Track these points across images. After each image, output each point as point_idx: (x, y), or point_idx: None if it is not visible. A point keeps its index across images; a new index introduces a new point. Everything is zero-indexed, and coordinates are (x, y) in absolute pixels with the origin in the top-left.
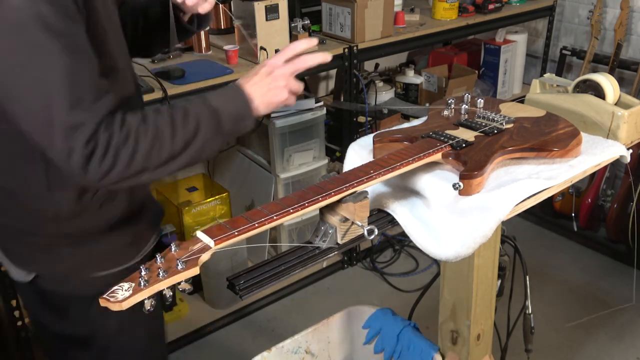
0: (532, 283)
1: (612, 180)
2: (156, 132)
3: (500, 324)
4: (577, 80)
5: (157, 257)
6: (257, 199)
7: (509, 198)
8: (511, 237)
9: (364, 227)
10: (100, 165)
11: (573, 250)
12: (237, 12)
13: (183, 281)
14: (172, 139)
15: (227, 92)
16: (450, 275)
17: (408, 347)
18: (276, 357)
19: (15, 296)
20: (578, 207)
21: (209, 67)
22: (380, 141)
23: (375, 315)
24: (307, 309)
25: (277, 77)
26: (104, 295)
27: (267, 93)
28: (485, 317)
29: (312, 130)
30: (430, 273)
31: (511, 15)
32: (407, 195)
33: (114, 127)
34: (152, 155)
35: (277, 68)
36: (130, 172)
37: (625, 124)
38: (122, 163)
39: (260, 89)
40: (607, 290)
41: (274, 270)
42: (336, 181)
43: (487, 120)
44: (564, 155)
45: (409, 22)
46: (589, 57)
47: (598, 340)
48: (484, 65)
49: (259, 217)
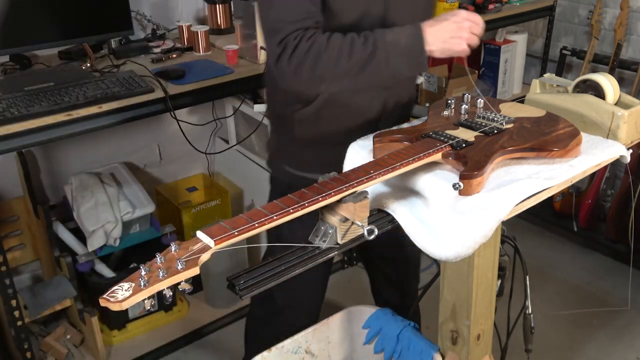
0: (532, 283)
1: (612, 180)
2: (337, 49)
3: (500, 324)
4: (577, 80)
5: (157, 257)
6: (257, 199)
7: (509, 198)
8: (511, 237)
9: (364, 227)
10: (288, 64)
11: (573, 250)
12: (237, 12)
13: (183, 281)
14: (350, 57)
15: (405, 29)
16: (450, 275)
17: (408, 347)
18: (276, 357)
19: (15, 296)
20: (578, 207)
21: (209, 67)
22: (380, 141)
23: (375, 315)
24: None
25: (463, 29)
26: (104, 295)
27: (448, 40)
28: (485, 317)
29: None
30: (430, 273)
31: (511, 15)
32: (407, 195)
33: (303, 38)
34: (329, 66)
35: (466, 21)
36: (310, 77)
37: (625, 124)
38: (305, 67)
39: (443, 34)
40: (607, 290)
41: (274, 270)
42: (336, 181)
43: (487, 120)
44: (564, 155)
45: None
46: (589, 57)
47: (598, 340)
48: (484, 65)
49: (259, 217)
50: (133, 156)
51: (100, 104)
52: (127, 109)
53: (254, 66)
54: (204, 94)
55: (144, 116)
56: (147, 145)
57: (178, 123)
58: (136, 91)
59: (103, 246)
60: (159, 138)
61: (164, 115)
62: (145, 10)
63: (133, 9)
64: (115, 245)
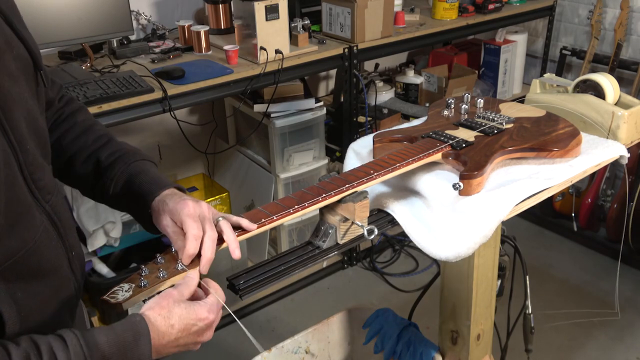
0: (532, 283)
1: (612, 180)
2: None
3: (500, 324)
4: (577, 80)
5: (158, 258)
6: (257, 199)
7: (509, 198)
8: (511, 237)
9: (364, 227)
10: None
11: (573, 250)
12: (237, 12)
13: None
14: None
15: (125, 345)
16: (450, 275)
17: (408, 347)
18: (276, 357)
19: None
20: (578, 207)
21: (209, 67)
22: (380, 141)
23: (375, 315)
24: (307, 309)
25: (204, 333)
26: (105, 295)
27: (181, 349)
28: (485, 317)
29: (312, 130)
30: (430, 273)
31: (511, 15)
32: (407, 195)
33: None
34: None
35: (211, 322)
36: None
37: (625, 124)
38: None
39: (176, 348)
40: (607, 290)
41: (274, 270)
42: (336, 181)
43: (487, 120)
44: (564, 155)
45: (409, 22)
46: (589, 57)
47: (598, 340)
48: (484, 65)
49: (259, 217)
50: None
51: (100, 104)
52: (127, 109)
53: (254, 66)
54: (203, 94)
55: (144, 116)
56: (147, 145)
57: (178, 123)
58: (136, 91)
59: (103, 246)
60: (159, 138)
61: (164, 115)
62: (145, 10)
63: (133, 9)
64: (115, 245)
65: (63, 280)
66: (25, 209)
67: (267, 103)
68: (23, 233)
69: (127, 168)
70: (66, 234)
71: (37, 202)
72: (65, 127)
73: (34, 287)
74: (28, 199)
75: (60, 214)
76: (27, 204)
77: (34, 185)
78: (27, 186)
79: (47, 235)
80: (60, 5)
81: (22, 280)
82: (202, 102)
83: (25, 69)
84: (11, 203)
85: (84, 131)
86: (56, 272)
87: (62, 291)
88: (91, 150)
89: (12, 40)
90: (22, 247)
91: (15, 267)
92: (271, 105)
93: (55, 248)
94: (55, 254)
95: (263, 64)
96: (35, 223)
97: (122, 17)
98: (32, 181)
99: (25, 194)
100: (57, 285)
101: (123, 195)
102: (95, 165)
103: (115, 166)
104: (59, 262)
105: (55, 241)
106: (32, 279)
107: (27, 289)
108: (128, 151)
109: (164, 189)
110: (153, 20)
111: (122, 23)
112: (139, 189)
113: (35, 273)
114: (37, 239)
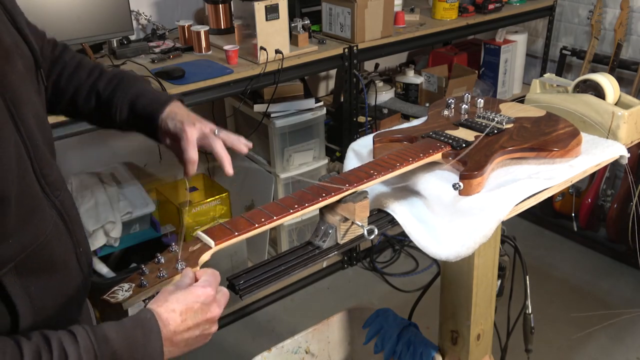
0: (532, 283)
1: (612, 180)
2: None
3: (500, 324)
4: (577, 80)
5: (158, 257)
6: (257, 199)
7: (509, 198)
8: (511, 237)
9: (364, 227)
10: None
11: (573, 250)
12: (237, 12)
13: None
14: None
15: (136, 342)
16: (450, 275)
17: (408, 347)
18: (276, 357)
19: None
20: (578, 207)
21: (209, 67)
22: (380, 141)
23: (375, 315)
24: (307, 309)
25: (209, 308)
26: (105, 295)
27: (194, 343)
28: (485, 317)
29: (312, 130)
30: (430, 273)
31: (511, 15)
32: (407, 195)
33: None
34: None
35: (212, 296)
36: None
37: (625, 124)
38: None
39: (189, 339)
40: (607, 290)
41: (274, 270)
42: (336, 181)
43: (487, 120)
44: (564, 155)
45: (409, 22)
46: (589, 57)
47: (598, 340)
48: (484, 65)
49: (259, 217)
50: (133, 156)
51: None
52: None
53: (254, 66)
54: (203, 94)
55: None
56: (147, 145)
57: None
58: None
59: (103, 246)
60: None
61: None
62: (145, 10)
63: (133, 9)
64: (115, 245)
65: (72, 275)
66: (37, 203)
67: (267, 103)
68: (36, 226)
69: (126, 96)
70: (74, 229)
71: (47, 197)
72: (58, 69)
73: (46, 281)
74: (39, 193)
75: (69, 210)
76: (38, 198)
77: (44, 181)
78: (38, 181)
79: (57, 230)
80: (60, 5)
81: (35, 274)
82: (202, 102)
83: (29, 68)
84: (24, 196)
85: (76, 68)
86: (65, 266)
87: (71, 286)
88: (89, 85)
89: (18, 40)
90: (35, 241)
91: (28, 261)
92: (271, 105)
93: (65, 243)
94: (64, 249)
95: (263, 64)
96: (46, 217)
97: (122, 17)
98: (42, 176)
99: (37, 189)
100: (67, 280)
101: (131, 121)
102: (96, 99)
103: (115, 96)
104: (68, 257)
105: (64, 236)
106: (44, 273)
107: (39, 283)
108: (122, 77)
109: (163, 107)
110: (153, 20)
111: (122, 23)
112: (143, 112)
113: (47, 267)
114: (49, 233)
